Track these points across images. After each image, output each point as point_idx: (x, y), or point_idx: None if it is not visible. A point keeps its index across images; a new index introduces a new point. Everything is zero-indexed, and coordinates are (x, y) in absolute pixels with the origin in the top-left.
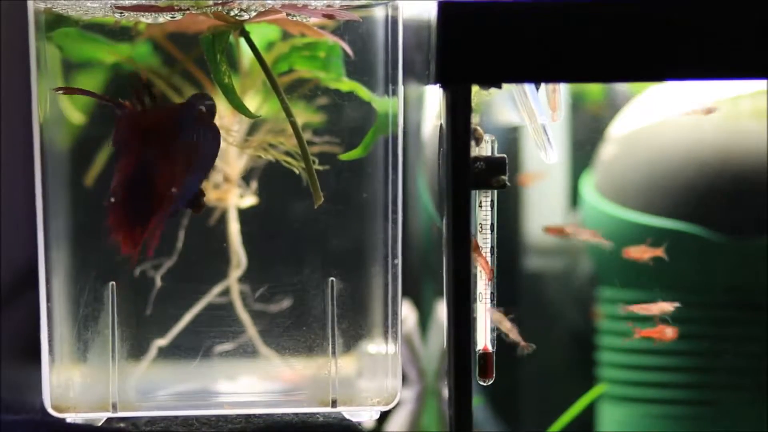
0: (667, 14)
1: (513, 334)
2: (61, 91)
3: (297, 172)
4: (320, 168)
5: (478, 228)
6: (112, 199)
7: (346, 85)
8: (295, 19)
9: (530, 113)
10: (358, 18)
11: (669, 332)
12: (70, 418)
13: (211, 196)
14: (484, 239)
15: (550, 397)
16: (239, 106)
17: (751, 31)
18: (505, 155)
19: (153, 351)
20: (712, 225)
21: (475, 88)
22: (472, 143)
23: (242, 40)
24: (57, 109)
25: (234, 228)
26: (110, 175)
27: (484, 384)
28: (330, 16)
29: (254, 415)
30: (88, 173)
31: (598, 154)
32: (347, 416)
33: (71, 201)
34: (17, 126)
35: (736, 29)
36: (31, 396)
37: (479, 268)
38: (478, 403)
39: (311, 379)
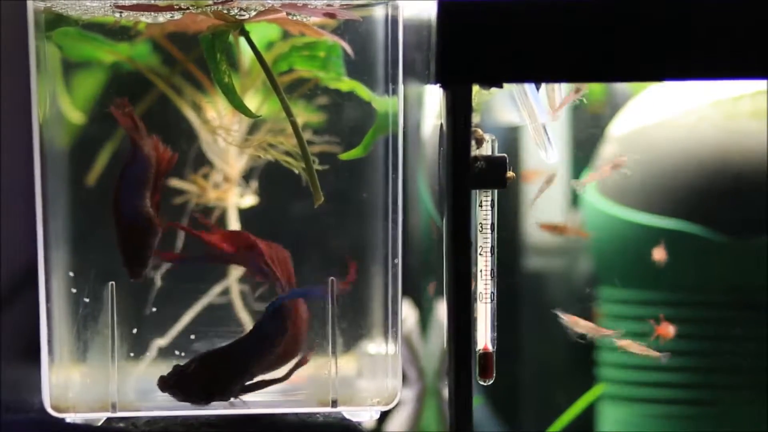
0: (667, 14)
1: (645, 351)
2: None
3: (297, 171)
4: (320, 168)
5: (479, 228)
6: None
7: (346, 84)
8: (295, 18)
9: (530, 113)
10: (358, 17)
11: (671, 330)
12: (70, 417)
13: (211, 195)
14: (485, 239)
15: (550, 397)
16: (239, 106)
17: (751, 31)
18: (505, 155)
19: (153, 351)
20: (712, 225)
21: (475, 88)
22: (473, 144)
23: (242, 40)
24: (57, 109)
25: (234, 228)
26: (110, 174)
27: (484, 384)
28: (331, 16)
29: (254, 414)
30: (89, 173)
31: (598, 153)
32: (347, 416)
33: (71, 201)
34: (17, 126)
35: (736, 29)
36: (31, 396)
37: (479, 268)
38: (478, 403)
39: (311, 378)
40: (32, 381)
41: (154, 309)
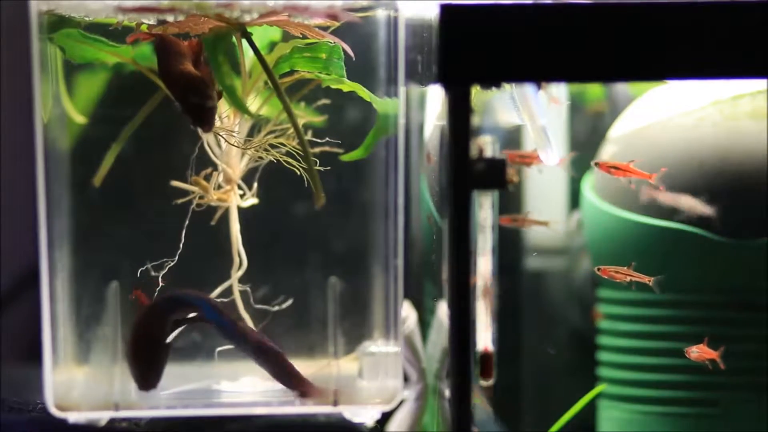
0: (667, 14)
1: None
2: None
3: (298, 172)
4: (321, 169)
5: (479, 229)
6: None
7: (348, 85)
8: (297, 20)
9: (531, 114)
10: (359, 19)
11: (712, 352)
12: (73, 417)
13: (212, 196)
14: (485, 240)
15: (550, 396)
16: (241, 107)
17: (751, 31)
18: (505, 156)
19: None
20: (711, 225)
21: (476, 89)
22: (475, 153)
23: (244, 41)
24: (59, 110)
25: (235, 228)
26: (113, 175)
27: (485, 384)
28: (334, 17)
29: (256, 414)
30: (93, 173)
31: (598, 154)
32: (348, 416)
33: (74, 201)
34: (20, 127)
35: (736, 29)
36: (33, 395)
37: (479, 268)
38: (478, 402)
39: (312, 378)
40: (34, 381)
41: None
